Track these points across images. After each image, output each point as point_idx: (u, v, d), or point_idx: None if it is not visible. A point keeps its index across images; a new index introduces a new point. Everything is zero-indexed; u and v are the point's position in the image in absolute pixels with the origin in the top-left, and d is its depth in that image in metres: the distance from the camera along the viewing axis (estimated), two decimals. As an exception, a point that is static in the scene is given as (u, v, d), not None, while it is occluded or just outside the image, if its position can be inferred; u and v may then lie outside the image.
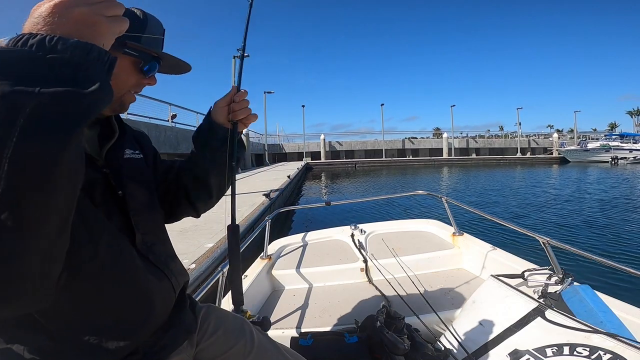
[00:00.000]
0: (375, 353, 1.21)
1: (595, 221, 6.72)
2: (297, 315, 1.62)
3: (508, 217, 7.29)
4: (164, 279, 0.67)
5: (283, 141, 37.56)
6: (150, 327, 0.63)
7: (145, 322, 0.62)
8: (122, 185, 0.64)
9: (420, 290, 1.73)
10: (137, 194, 0.68)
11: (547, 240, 1.49)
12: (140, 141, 0.80)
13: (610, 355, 0.88)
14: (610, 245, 5.13)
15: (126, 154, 0.71)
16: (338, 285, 1.97)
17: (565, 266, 1.47)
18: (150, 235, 0.68)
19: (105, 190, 0.61)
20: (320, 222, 6.75)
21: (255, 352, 0.81)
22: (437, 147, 36.10)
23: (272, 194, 7.01)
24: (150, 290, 0.63)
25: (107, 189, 0.62)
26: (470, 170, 22.99)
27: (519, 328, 1.13)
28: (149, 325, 0.63)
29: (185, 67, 0.73)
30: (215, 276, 1.42)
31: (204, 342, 0.77)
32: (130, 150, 0.72)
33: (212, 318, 0.81)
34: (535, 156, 34.15)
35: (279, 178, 11.88)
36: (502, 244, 2.72)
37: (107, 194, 0.61)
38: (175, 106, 14.99)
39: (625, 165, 24.46)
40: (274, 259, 2.19)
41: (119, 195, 0.63)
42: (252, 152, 24.28)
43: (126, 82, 0.64)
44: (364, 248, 2.24)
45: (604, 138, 33.27)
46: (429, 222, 2.68)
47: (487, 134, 43.26)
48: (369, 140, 37.06)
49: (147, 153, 0.80)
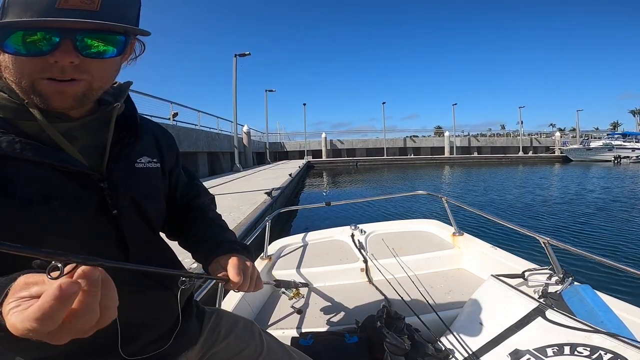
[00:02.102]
0: (375, 353, 1.21)
1: (596, 221, 6.70)
2: (297, 315, 1.62)
3: (509, 217, 7.27)
4: (163, 289, 0.64)
5: (284, 139, 37.59)
6: (152, 336, 0.62)
7: (145, 332, 0.61)
8: (120, 203, 0.58)
9: (420, 290, 1.73)
10: (137, 213, 0.61)
11: (548, 240, 1.49)
12: (161, 146, 0.72)
13: (611, 355, 0.88)
14: (610, 245, 5.12)
15: (139, 162, 0.64)
16: (338, 285, 1.97)
17: (565, 266, 1.47)
18: (147, 251, 0.63)
19: (98, 209, 0.55)
20: (320, 222, 6.76)
21: (265, 353, 0.83)
22: (438, 145, 36.05)
23: (274, 193, 7.02)
24: (148, 301, 0.61)
25: (101, 206, 0.55)
26: (472, 169, 22.94)
27: (519, 328, 1.13)
28: (150, 334, 0.62)
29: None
30: None
31: (217, 347, 0.77)
32: (146, 158, 0.65)
33: (223, 323, 0.81)
34: (537, 155, 34.04)
35: (281, 176, 11.88)
36: (503, 243, 2.72)
37: (100, 212, 0.55)
38: (176, 104, 15.01)
39: (628, 164, 24.35)
40: (274, 259, 2.19)
41: (114, 214, 0.57)
42: (253, 151, 24.30)
43: (17, 71, 0.48)
44: (364, 248, 2.24)
45: (606, 137, 33.08)
46: (429, 222, 2.68)
47: (488, 133, 43.14)
48: (370, 139, 37.05)
49: (165, 161, 0.72)
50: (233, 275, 0.63)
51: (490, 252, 1.96)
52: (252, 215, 5.07)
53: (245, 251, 0.74)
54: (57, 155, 0.51)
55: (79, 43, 0.47)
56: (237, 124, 17.99)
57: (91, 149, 0.57)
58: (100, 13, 0.47)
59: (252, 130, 24.68)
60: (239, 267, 0.65)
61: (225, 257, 0.67)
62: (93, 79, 0.51)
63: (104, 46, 0.50)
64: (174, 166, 0.76)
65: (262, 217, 4.96)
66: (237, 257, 0.67)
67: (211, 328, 0.78)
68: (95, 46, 0.49)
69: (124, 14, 0.51)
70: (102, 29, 0.49)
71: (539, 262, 1.67)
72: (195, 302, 0.78)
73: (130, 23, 0.52)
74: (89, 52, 0.49)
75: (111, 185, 0.57)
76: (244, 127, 22.48)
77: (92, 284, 0.33)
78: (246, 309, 1.56)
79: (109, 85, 0.59)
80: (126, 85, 0.66)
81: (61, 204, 0.50)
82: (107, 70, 0.53)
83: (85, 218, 0.53)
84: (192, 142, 14.25)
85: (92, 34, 0.48)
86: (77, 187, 0.52)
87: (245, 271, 0.66)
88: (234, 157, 17.55)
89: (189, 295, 0.74)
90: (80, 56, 0.48)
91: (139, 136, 0.64)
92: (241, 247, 0.74)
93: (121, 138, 0.61)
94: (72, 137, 0.54)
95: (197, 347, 0.73)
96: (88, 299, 0.32)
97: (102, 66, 0.52)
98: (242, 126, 22.33)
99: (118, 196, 0.58)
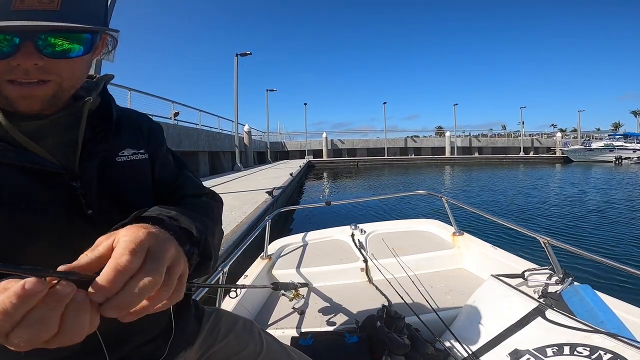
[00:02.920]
0: (375, 353, 1.21)
1: (596, 221, 6.70)
2: (297, 315, 1.62)
3: (509, 217, 7.27)
4: None
5: (285, 139, 37.61)
6: (144, 338, 0.61)
7: (137, 334, 0.59)
8: (95, 202, 0.53)
9: (420, 290, 1.73)
10: (119, 211, 0.55)
11: (548, 240, 1.49)
12: (148, 137, 0.67)
13: (611, 355, 0.88)
14: (611, 245, 5.11)
15: (121, 156, 0.60)
16: (338, 285, 1.97)
17: (565, 266, 1.47)
18: None
19: (71, 209, 0.51)
20: (320, 222, 6.75)
21: (265, 353, 0.82)
22: (439, 145, 36.05)
23: (275, 192, 7.03)
24: None
25: (74, 207, 0.52)
26: (473, 169, 22.93)
27: (519, 328, 1.13)
28: (142, 336, 0.60)
29: None
30: (215, 275, 1.43)
31: (216, 346, 0.76)
32: (130, 151, 0.61)
33: (223, 323, 0.80)
34: (539, 155, 34.02)
35: (282, 176, 11.88)
36: (503, 243, 2.72)
37: (74, 213, 0.51)
38: (177, 104, 15.04)
39: (630, 165, 24.31)
40: (274, 259, 2.20)
41: (89, 215, 0.52)
42: (254, 150, 24.34)
43: None
44: (364, 248, 2.24)
45: (607, 138, 33.06)
46: (429, 222, 2.68)
47: (489, 133, 43.10)
48: (371, 139, 37.08)
49: (154, 152, 0.67)
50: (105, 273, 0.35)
51: (490, 252, 1.96)
52: (253, 214, 5.08)
53: (182, 229, 0.50)
54: (24, 155, 0.49)
55: (41, 43, 0.45)
56: (238, 124, 18.01)
57: (64, 146, 0.54)
58: (61, 13, 0.44)
59: (253, 130, 24.72)
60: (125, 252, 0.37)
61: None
62: (62, 79, 0.48)
63: (69, 45, 0.47)
64: (157, 155, 0.69)
65: (263, 216, 4.97)
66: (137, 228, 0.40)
67: (210, 328, 0.77)
68: (60, 45, 0.46)
69: (89, 11, 0.48)
70: (62, 30, 0.45)
71: (539, 262, 1.67)
72: (194, 302, 0.78)
73: (96, 20, 0.49)
74: (54, 52, 0.46)
75: (84, 183, 0.53)
76: (244, 126, 22.52)
77: (53, 297, 0.31)
78: (246, 309, 1.56)
79: (82, 83, 0.56)
80: (104, 79, 0.63)
81: (30, 206, 0.48)
82: (76, 70, 0.51)
83: (57, 220, 0.50)
84: (193, 141, 14.27)
85: (55, 33, 0.45)
86: (46, 187, 0.50)
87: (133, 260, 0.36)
88: (235, 157, 17.56)
89: (186, 296, 0.71)
90: (44, 57, 0.45)
91: (119, 129, 0.61)
92: (171, 218, 0.50)
93: (97, 133, 0.58)
94: (42, 135, 0.51)
95: (195, 347, 0.72)
96: (43, 310, 0.31)
97: (70, 65, 0.49)
98: (243, 126, 22.39)
99: (92, 194, 0.54)
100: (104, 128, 0.58)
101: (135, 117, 0.68)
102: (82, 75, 0.53)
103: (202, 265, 0.55)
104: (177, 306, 0.67)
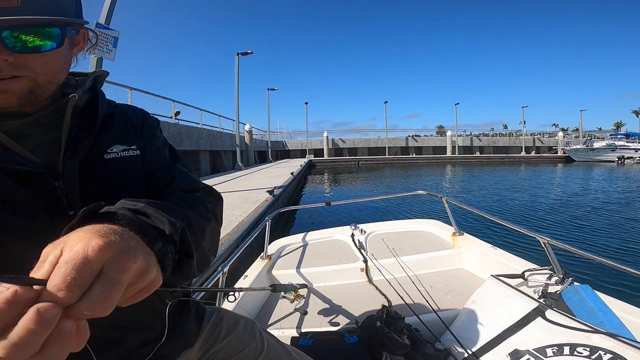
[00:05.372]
0: (375, 353, 1.21)
1: (597, 221, 6.68)
2: (297, 315, 1.62)
3: (509, 217, 7.27)
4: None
5: (286, 138, 37.61)
6: (140, 339, 0.60)
7: (133, 336, 0.59)
8: (78, 202, 0.51)
9: (420, 290, 1.73)
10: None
11: (548, 240, 1.49)
12: (141, 131, 0.65)
13: (611, 355, 0.88)
14: (611, 245, 5.10)
15: (110, 153, 0.58)
16: (338, 285, 1.97)
17: (565, 266, 1.47)
18: None
19: (53, 210, 0.50)
20: (320, 222, 6.78)
21: (266, 352, 0.82)
22: (440, 145, 36.01)
23: (276, 191, 7.03)
24: (134, 305, 0.53)
25: (56, 207, 0.50)
26: (474, 169, 22.88)
27: (519, 328, 1.13)
28: (138, 338, 0.60)
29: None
30: (215, 276, 1.43)
31: (217, 346, 0.76)
32: (120, 147, 0.59)
33: (224, 322, 0.80)
34: (540, 155, 33.89)
35: (282, 175, 11.90)
36: (503, 243, 2.72)
37: (57, 214, 0.50)
38: (178, 103, 15.03)
39: (632, 164, 24.23)
40: (274, 259, 2.20)
41: (70, 215, 0.50)
42: (255, 149, 24.34)
43: None
44: (364, 248, 2.24)
45: (609, 137, 32.89)
46: (429, 222, 2.68)
47: (491, 133, 43.00)
48: (372, 138, 37.04)
49: (144, 146, 0.65)
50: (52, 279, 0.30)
51: (490, 252, 1.96)
52: (254, 213, 5.09)
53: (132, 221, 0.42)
54: (4, 156, 0.48)
55: (8, 40, 0.44)
56: (239, 123, 18.01)
57: (47, 145, 0.52)
58: (23, 8, 0.44)
59: (254, 129, 24.72)
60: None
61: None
62: (37, 74, 0.48)
63: (40, 40, 0.46)
64: (149, 148, 0.66)
65: (264, 215, 4.97)
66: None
67: (211, 328, 0.77)
68: (31, 41, 0.46)
69: (55, 6, 0.47)
70: (25, 24, 0.45)
71: (539, 262, 1.67)
72: (194, 302, 0.77)
73: (66, 13, 0.48)
74: (24, 47, 0.45)
75: (66, 183, 0.51)
76: (245, 125, 22.52)
77: (35, 321, 0.26)
78: (247, 309, 1.57)
79: (62, 78, 0.54)
80: (94, 75, 0.61)
81: (9, 207, 0.46)
82: (51, 64, 0.49)
83: (39, 221, 0.48)
84: (194, 140, 14.28)
85: (21, 29, 0.44)
86: (28, 188, 0.48)
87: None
88: (236, 156, 17.58)
89: (185, 297, 0.69)
90: (14, 53, 0.45)
91: (108, 125, 0.59)
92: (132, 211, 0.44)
93: (84, 130, 0.56)
94: (25, 134, 0.51)
95: (196, 347, 0.72)
96: (23, 332, 0.26)
97: (44, 60, 0.48)
98: (244, 125, 22.38)
99: (75, 194, 0.52)
100: (91, 124, 0.57)
101: (129, 112, 0.66)
102: (59, 70, 0.52)
103: (182, 263, 0.47)
104: (175, 308, 0.66)
